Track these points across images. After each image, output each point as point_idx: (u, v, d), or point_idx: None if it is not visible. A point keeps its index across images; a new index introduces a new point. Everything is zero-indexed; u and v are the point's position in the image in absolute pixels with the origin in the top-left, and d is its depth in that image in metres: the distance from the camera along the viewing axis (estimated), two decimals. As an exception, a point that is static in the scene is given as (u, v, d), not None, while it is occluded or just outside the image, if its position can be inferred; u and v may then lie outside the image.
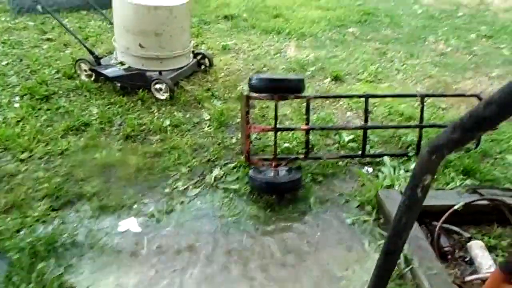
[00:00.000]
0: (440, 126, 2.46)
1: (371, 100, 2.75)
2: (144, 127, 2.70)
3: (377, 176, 2.27)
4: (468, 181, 2.20)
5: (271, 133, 2.33)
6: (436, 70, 3.77)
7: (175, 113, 2.89)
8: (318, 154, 2.46)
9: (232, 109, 2.93)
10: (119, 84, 3.10)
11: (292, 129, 2.46)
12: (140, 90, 3.07)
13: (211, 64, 3.56)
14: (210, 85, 3.31)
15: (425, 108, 2.48)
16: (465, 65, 3.92)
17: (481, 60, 4.04)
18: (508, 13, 5.74)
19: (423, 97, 2.42)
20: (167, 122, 2.75)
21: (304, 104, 2.32)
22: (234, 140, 2.60)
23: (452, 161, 2.36)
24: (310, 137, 2.40)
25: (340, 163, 2.42)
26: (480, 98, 2.47)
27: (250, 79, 2.14)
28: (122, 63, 3.16)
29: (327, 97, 2.98)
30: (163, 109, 2.94)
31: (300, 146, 2.51)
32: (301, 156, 2.35)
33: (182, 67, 3.26)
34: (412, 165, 2.30)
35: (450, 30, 4.92)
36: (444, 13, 5.64)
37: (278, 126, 2.26)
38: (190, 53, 3.41)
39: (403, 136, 2.65)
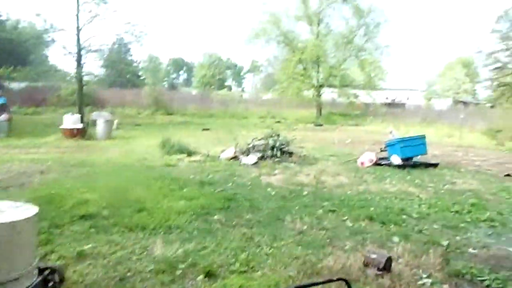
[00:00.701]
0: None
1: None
2: None
3: None
4: None
5: None
6: (299, 250, 4.01)
7: None
8: None
9: None
10: None
11: None
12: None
13: (62, 279, 3.01)
14: (59, 308, 2.71)
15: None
16: (321, 241, 4.31)
17: (333, 234, 4.54)
18: (340, 188, 6.97)
19: (297, 289, 2.42)
20: None
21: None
22: None
23: None
24: None
25: None
26: (346, 282, 2.61)
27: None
28: None
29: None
30: None
31: None
32: None
33: (21, 291, 2.64)
34: None
35: (301, 208, 5.57)
36: (293, 193, 6.49)
37: None
38: (33, 270, 2.85)
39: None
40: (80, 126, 13.99)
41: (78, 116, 14.71)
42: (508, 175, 8.74)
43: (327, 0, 30.83)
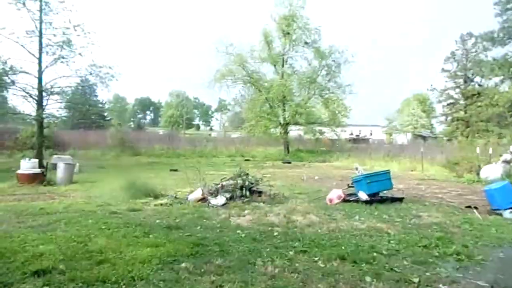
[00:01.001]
0: None
1: None
2: None
3: None
4: None
5: None
6: (272, 297, 3.85)
7: None
8: None
9: None
10: None
11: None
12: None
13: None
14: None
15: None
16: (294, 285, 4.16)
17: (306, 277, 4.41)
18: (310, 227, 6.90)
19: None
20: None
21: None
22: None
23: None
24: None
25: None
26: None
27: None
28: None
29: None
30: None
31: None
32: None
33: None
34: None
35: (272, 250, 5.42)
36: (263, 234, 6.33)
37: None
38: None
39: None
40: (38, 170, 13.30)
41: (35, 160, 14.01)
42: (469, 207, 9.06)
43: (290, 43, 32.34)
